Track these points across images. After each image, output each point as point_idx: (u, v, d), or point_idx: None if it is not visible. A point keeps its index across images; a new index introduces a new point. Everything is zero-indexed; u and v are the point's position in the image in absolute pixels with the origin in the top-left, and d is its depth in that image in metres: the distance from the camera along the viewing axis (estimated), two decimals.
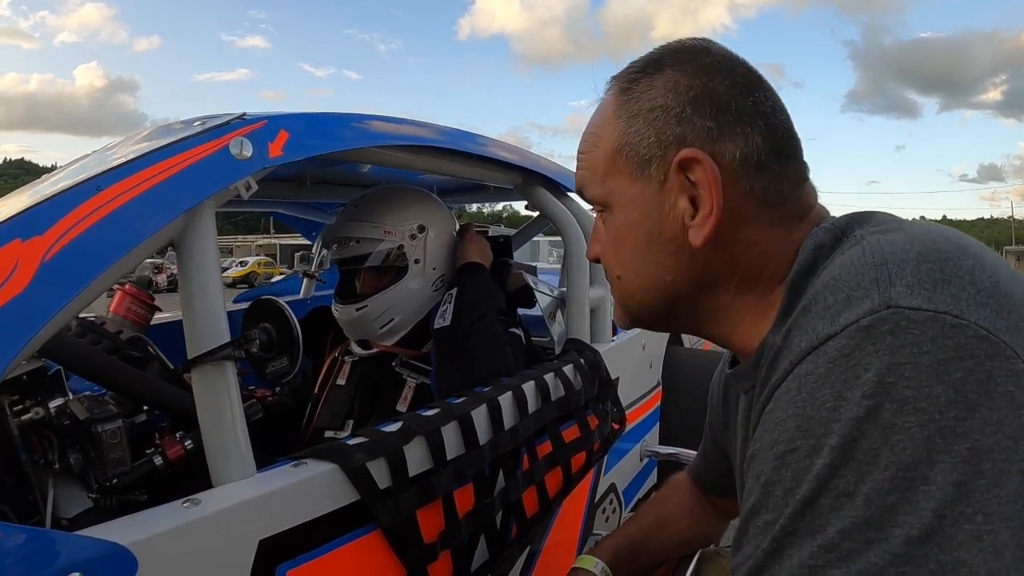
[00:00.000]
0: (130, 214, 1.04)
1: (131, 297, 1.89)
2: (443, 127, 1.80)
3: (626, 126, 0.84)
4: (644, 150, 0.82)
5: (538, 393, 1.74)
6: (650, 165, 0.82)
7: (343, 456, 1.18)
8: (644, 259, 0.86)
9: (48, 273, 0.94)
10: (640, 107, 0.83)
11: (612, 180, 0.86)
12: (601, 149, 0.87)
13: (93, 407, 1.26)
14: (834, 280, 0.68)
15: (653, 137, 0.82)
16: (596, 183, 0.88)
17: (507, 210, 64.45)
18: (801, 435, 0.62)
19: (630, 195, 0.85)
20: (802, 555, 0.59)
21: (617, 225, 0.87)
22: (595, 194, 0.89)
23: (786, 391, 0.66)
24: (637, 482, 2.73)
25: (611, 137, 0.86)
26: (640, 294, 0.88)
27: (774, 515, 0.63)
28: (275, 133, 1.24)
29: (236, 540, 1.02)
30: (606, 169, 0.86)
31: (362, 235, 1.95)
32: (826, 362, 0.62)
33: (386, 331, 1.97)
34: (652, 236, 0.84)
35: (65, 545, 0.87)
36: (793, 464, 0.62)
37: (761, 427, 0.69)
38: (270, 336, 1.28)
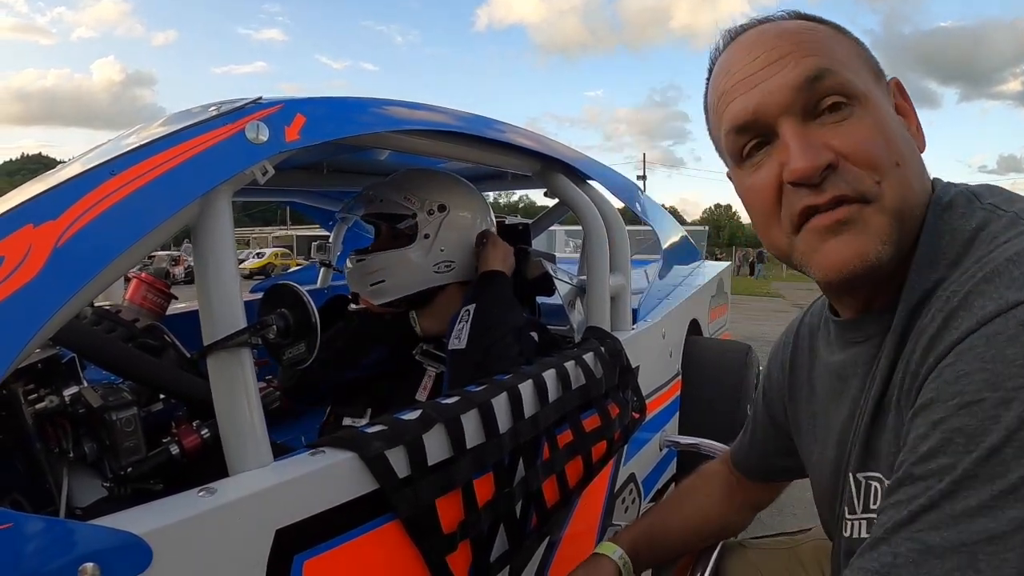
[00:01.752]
0: (145, 199, 1.02)
1: (147, 285, 1.88)
2: (461, 112, 1.78)
3: (855, 43, 0.89)
4: (876, 65, 0.89)
5: (559, 381, 1.72)
6: (882, 77, 0.88)
7: (362, 444, 1.16)
8: (912, 153, 0.85)
9: (61, 259, 0.93)
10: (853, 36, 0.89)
11: (863, 77, 0.84)
12: (844, 47, 0.86)
13: (107, 395, 1.25)
14: (1018, 255, 0.71)
15: (875, 60, 0.89)
16: (848, 71, 0.83)
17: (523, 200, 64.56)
18: (989, 388, 0.65)
19: (881, 97, 0.85)
20: (981, 496, 0.63)
21: (878, 118, 0.82)
22: (849, 79, 0.82)
23: (971, 347, 0.68)
24: (656, 472, 2.72)
25: (851, 46, 0.88)
26: (918, 184, 0.84)
27: (953, 460, 0.65)
28: (292, 117, 1.22)
29: (252, 530, 1.01)
30: (856, 65, 0.85)
31: (386, 196, 2.00)
32: (1016, 324, 0.66)
33: (374, 290, 2.01)
34: (906, 136, 0.86)
35: (79, 535, 0.85)
36: (979, 414, 0.65)
37: (939, 379, 0.71)
38: (287, 322, 1.26)
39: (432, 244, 1.99)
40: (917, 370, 0.77)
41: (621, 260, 2.29)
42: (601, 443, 1.85)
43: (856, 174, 0.80)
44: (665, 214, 3.86)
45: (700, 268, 4.26)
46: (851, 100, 0.81)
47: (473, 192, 2.16)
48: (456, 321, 1.85)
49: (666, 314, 2.81)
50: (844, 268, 0.82)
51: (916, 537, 0.66)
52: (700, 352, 3.21)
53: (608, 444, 1.88)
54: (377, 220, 2.11)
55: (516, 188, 3.04)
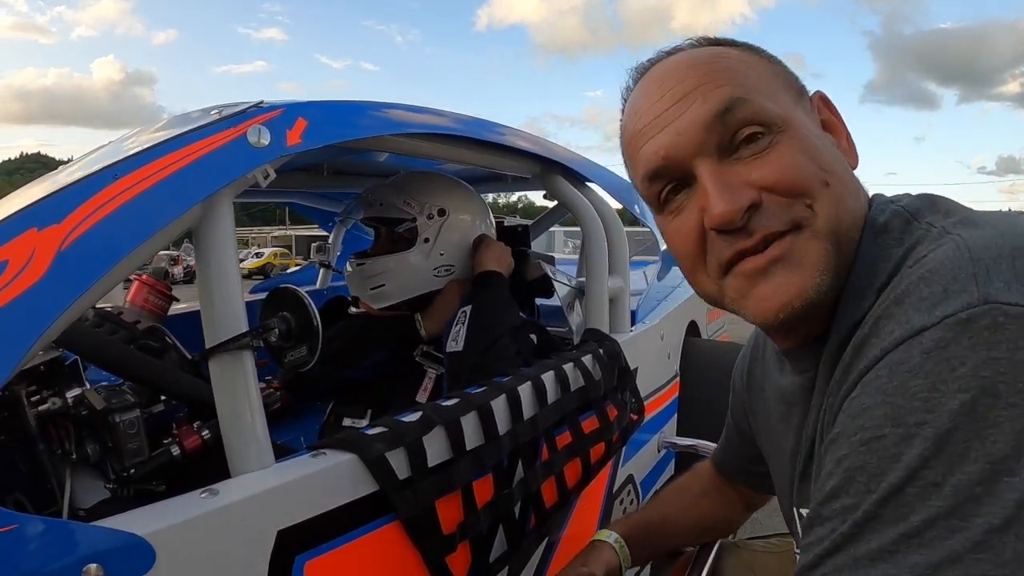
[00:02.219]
0: (147, 202, 1.03)
1: (148, 287, 1.89)
2: (461, 115, 1.79)
3: (770, 62, 0.86)
4: (796, 82, 0.86)
5: (557, 383, 1.73)
6: (804, 95, 0.86)
7: (362, 446, 1.17)
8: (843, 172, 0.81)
9: (65, 262, 0.94)
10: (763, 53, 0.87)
11: (784, 102, 0.81)
12: (758, 71, 0.83)
13: (110, 397, 1.26)
14: (930, 273, 0.67)
15: (795, 76, 0.86)
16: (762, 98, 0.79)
17: (523, 200, 64.53)
18: (890, 423, 0.62)
19: (802, 117, 0.82)
20: (882, 540, 0.60)
21: (801, 141, 0.78)
22: (764, 107, 0.78)
23: (875, 378, 0.66)
24: (655, 474, 2.72)
25: (762, 65, 0.85)
26: (852, 202, 0.80)
27: (855, 500, 0.63)
28: (293, 121, 1.23)
29: (254, 531, 1.01)
30: (772, 89, 0.82)
31: (386, 200, 2.02)
32: (920, 353, 0.62)
33: (374, 294, 2.03)
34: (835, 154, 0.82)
35: (82, 536, 0.86)
36: (879, 451, 0.62)
37: (845, 413, 0.69)
38: (289, 325, 1.28)
39: (432, 248, 2.00)
40: (833, 403, 0.76)
41: (619, 262, 2.29)
42: (599, 444, 1.85)
43: (783, 204, 0.77)
44: None
45: None
46: (769, 128, 0.78)
47: (472, 195, 2.18)
48: (453, 323, 1.87)
49: (664, 316, 2.82)
50: (782, 311, 0.78)
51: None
52: (698, 354, 3.21)
53: (606, 445, 1.89)
54: (377, 224, 2.12)
55: (515, 190, 3.06)
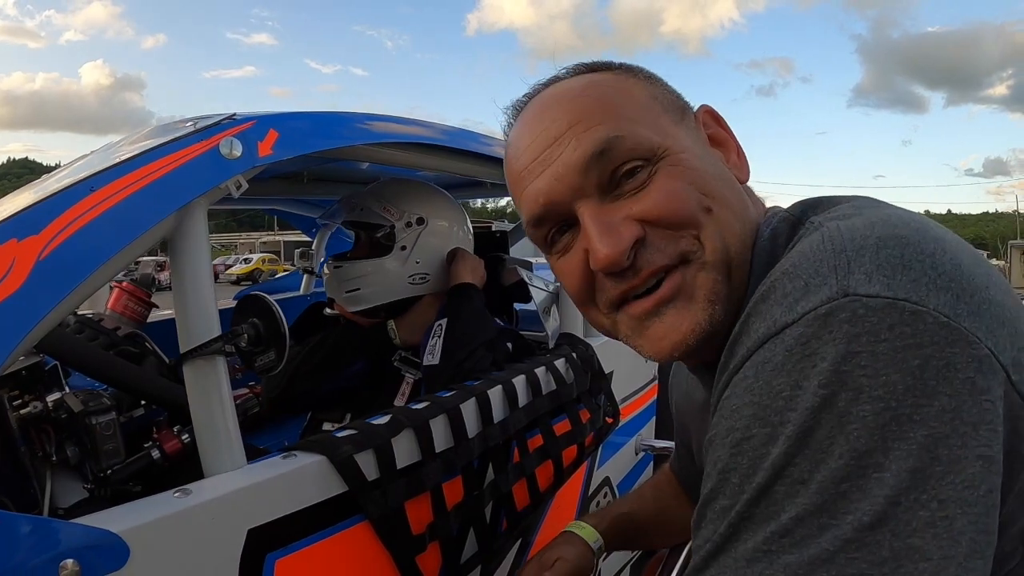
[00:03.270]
0: (122, 213, 1.07)
1: (128, 294, 1.92)
2: (436, 124, 1.82)
3: (647, 84, 0.85)
4: (677, 100, 0.86)
5: (528, 387, 1.76)
6: (687, 112, 0.86)
7: (331, 448, 1.21)
8: (729, 193, 0.80)
9: (43, 271, 0.97)
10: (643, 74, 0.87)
11: (663, 126, 0.80)
12: (630, 99, 0.82)
13: (88, 400, 1.29)
14: (793, 267, 0.66)
15: (676, 94, 0.86)
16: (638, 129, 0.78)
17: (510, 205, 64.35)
18: (758, 423, 0.62)
19: (684, 140, 0.81)
20: (756, 540, 0.60)
21: (682, 168, 0.78)
22: (642, 138, 0.78)
23: (743, 378, 0.65)
24: (632, 476, 2.75)
25: (643, 91, 0.84)
26: (739, 225, 0.79)
27: (730, 501, 0.63)
28: (264, 132, 1.27)
29: (225, 529, 1.05)
30: (649, 115, 0.81)
31: (365, 205, 2.04)
32: (783, 350, 0.61)
33: (349, 297, 2.05)
34: (720, 173, 0.82)
35: (60, 532, 0.89)
36: (749, 452, 0.62)
37: (718, 414, 0.68)
38: (258, 330, 1.31)
39: (408, 256, 2.03)
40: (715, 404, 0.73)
41: None
42: (572, 447, 1.88)
43: (668, 237, 0.77)
44: None
45: None
46: (648, 159, 0.78)
47: (451, 203, 2.21)
48: (429, 336, 1.90)
49: None
50: (676, 349, 0.79)
51: None
52: None
53: (579, 448, 1.91)
54: (356, 228, 2.15)
55: (495, 196, 3.07)
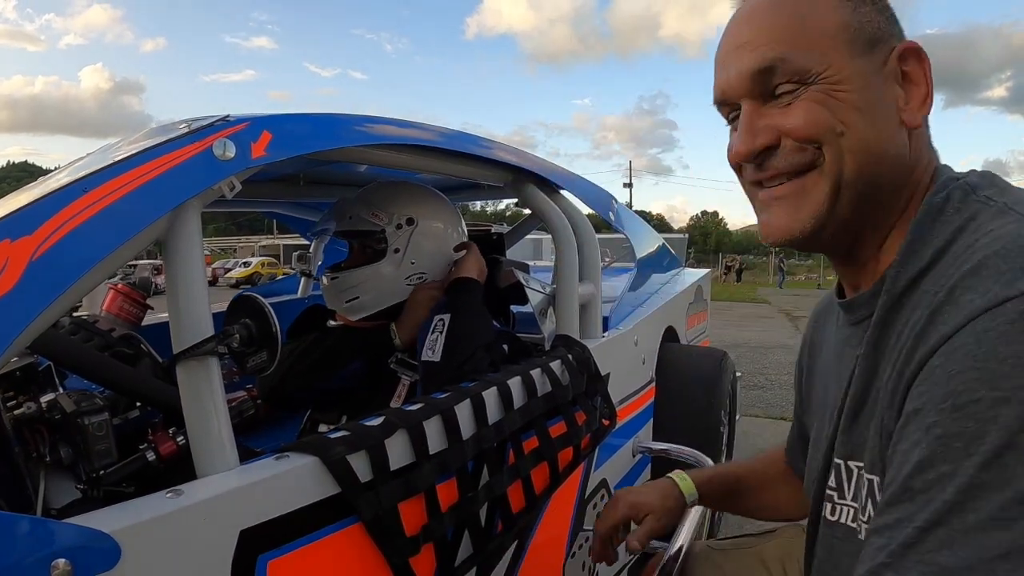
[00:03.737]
0: (115, 214, 1.07)
1: (123, 296, 1.92)
2: (432, 126, 1.82)
3: (854, 6, 0.90)
4: (872, 30, 0.89)
5: (524, 388, 1.77)
6: (876, 45, 0.89)
7: (323, 449, 1.21)
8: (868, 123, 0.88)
9: (36, 271, 0.97)
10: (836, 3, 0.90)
11: (832, 53, 0.88)
12: (819, 24, 0.89)
13: (81, 401, 1.30)
14: (1004, 250, 0.71)
15: (882, 23, 0.90)
16: (803, 55, 0.88)
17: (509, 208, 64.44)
18: (984, 386, 0.64)
19: (852, 69, 0.87)
20: (990, 507, 0.61)
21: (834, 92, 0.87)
22: (801, 65, 0.88)
23: (960, 345, 0.68)
24: (629, 478, 2.75)
25: (833, 14, 0.89)
26: (861, 153, 0.87)
27: (952, 467, 0.64)
28: (258, 134, 1.27)
29: (217, 530, 1.05)
30: (826, 42, 0.88)
31: (354, 213, 2.05)
32: (1005, 322, 0.65)
33: (350, 307, 2.07)
34: (876, 107, 0.88)
35: (52, 532, 0.89)
36: (976, 415, 0.64)
37: (927, 383, 0.71)
38: (250, 331, 1.31)
39: (403, 258, 2.04)
40: (903, 368, 0.77)
41: (591, 269, 2.33)
42: (567, 449, 1.88)
43: (796, 149, 0.89)
44: (641, 223, 3.90)
45: (678, 276, 4.30)
46: (803, 81, 0.88)
47: (442, 202, 2.21)
48: (429, 330, 1.89)
49: (638, 322, 2.85)
50: (771, 238, 0.95)
51: (927, 559, 0.64)
52: (675, 359, 3.24)
53: (575, 450, 1.92)
54: (348, 237, 2.15)
55: (490, 198, 3.09)
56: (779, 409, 6.65)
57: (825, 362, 1.13)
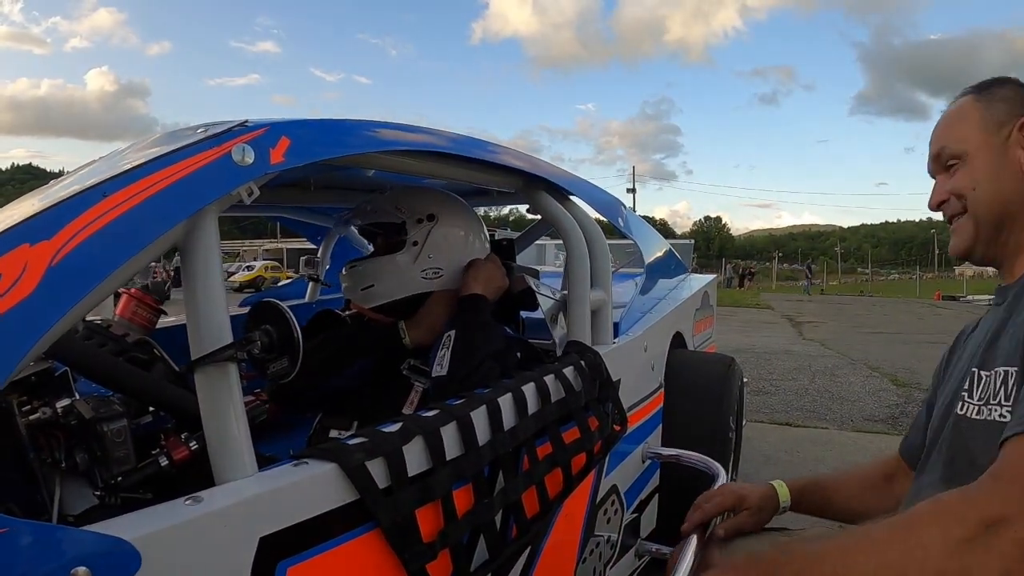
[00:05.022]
0: (134, 219, 1.07)
1: (137, 300, 1.91)
2: (444, 132, 1.83)
3: (986, 106, 1.33)
4: (999, 118, 1.31)
5: (538, 394, 1.76)
6: (1002, 128, 1.30)
7: (342, 455, 1.20)
8: (994, 178, 1.29)
9: (55, 276, 0.97)
10: (995, 97, 1.33)
11: (972, 139, 1.32)
12: (965, 124, 1.34)
13: (99, 407, 1.29)
14: None
15: (1006, 110, 1.31)
16: (957, 144, 1.34)
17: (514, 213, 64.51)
18: None
19: (987, 145, 1.31)
20: None
21: (974, 163, 1.31)
22: (954, 151, 1.34)
23: None
24: (639, 484, 2.74)
25: (974, 115, 1.33)
26: (988, 201, 1.29)
27: None
28: (276, 139, 1.27)
29: (237, 537, 1.04)
30: (968, 134, 1.33)
31: (378, 206, 2.12)
32: None
33: (364, 294, 2.11)
34: (1001, 167, 1.29)
35: (71, 540, 0.89)
36: None
37: None
38: (271, 338, 1.31)
39: (420, 251, 2.07)
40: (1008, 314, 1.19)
41: (602, 275, 2.32)
42: (580, 455, 1.88)
43: (956, 200, 1.35)
44: (649, 228, 3.90)
45: (685, 281, 4.29)
46: (959, 159, 1.34)
47: (464, 207, 2.23)
48: (439, 347, 1.91)
49: (648, 328, 2.85)
50: (954, 253, 1.39)
51: None
52: (683, 364, 3.23)
53: (588, 456, 1.91)
54: (370, 228, 2.21)
55: (501, 204, 3.09)
56: (783, 415, 6.63)
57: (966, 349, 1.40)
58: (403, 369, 2.05)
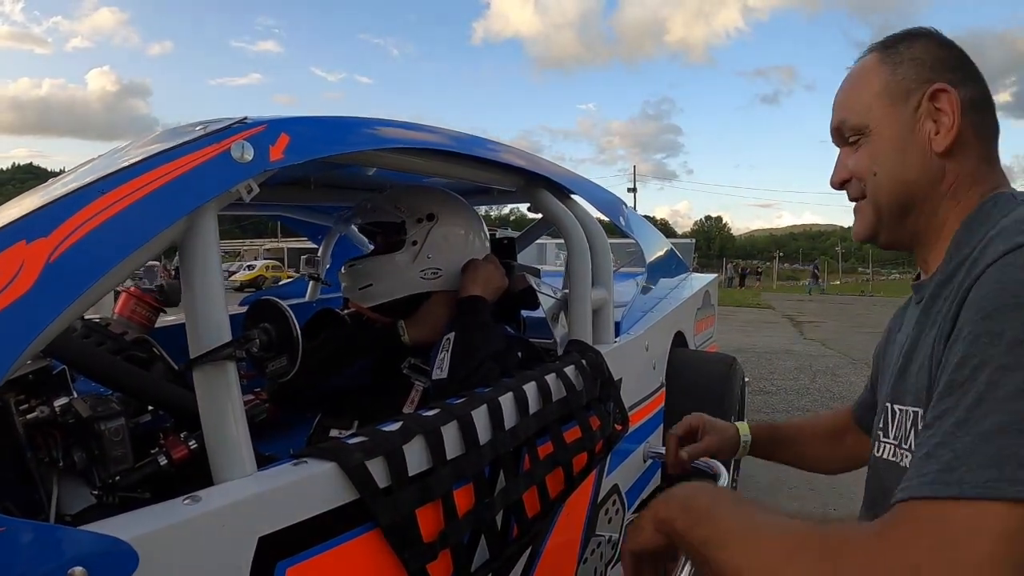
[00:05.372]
0: (133, 217, 1.06)
1: (136, 299, 1.91)
2: (445, 130, 1.82)
3: (891, 69, 1.15)
4: (905, 85, 1.13)
5: (539, 394, 1.76)
6: (908, 96, 1.12)
7: (342, 455, 1.19)
8: (898, 159, 1.13)
9: (52, 274, 0.96)
10: (902, 58, 1.14)
11: (875, 110, 1.15)
12: (867, 91, 1.17)
13: (96, 406, 1.28)
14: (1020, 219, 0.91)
15: (913, 75, 1.13)
16: (858, 116, 1.17)
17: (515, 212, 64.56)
18: (1006, 297, 0.79)
19: (890, 118, 1.13)
20: (1016, 381, 0.74)
21: (876, 140, 1.15)
22: (855, 124, 1.17)
23: (987, 276, 0.84)
24: (640, 483, 2.74)
25: (876, 80, 1.16)
26: (890, 185, 1.14)
27: (984, 358, 0.78)
28: (276, 137, 1.26)
29: (235, 537, 1.04)
30: (870, 103, 1.16)
31: (378, 205, 2.11)
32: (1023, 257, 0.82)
33: (363, 293, 2.10)
34: (906, 145, 1.12)
35: (69, 540, 0.88)
36: (999, 319, 0.78)
37: (966, 307, 0.86)
38: (270, 336, 1.30)
39: (420, 250, 2.06)
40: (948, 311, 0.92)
41: (603, 274, 2.32)
42: (582, 454, 1.87)
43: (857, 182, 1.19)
44: (650, 227, 3.90)
45: (687, 281, 4.29)
46: (862, 133, 1.17)
47: (464, 206, 2.22)
48: (439, 350, 1.90)
49: (649, 327, 2.84)
50: (854, 237, 1.27)
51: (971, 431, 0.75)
52: (684, 364, 3.23)
53: (589, 455, 1.91)
54: (370, 227, 2.21)
55: (502, 203, 3.08)
56: (785, 415, 6.63)
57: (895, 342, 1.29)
58: (403, 368, 2.04)
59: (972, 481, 0.72)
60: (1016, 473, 0.70)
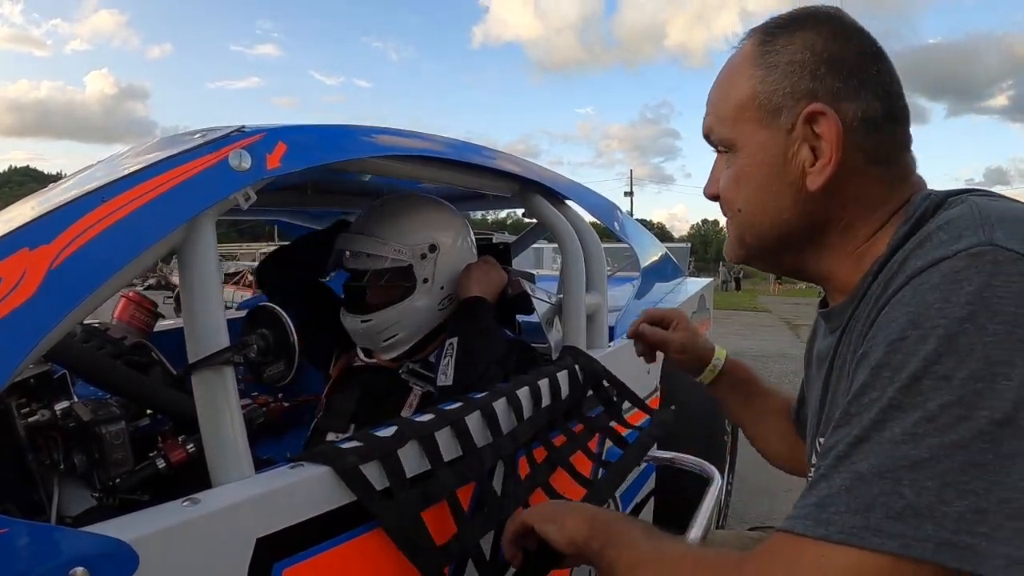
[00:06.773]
0: (133, 224, 1.08)
1: (135, 304, 1.93)
2: (440, 137, 1.84)
3: (763, 75, 0.97)
4: (777, 99, 0.95)
5: (532, 398, 1.76)
6: (780, 114, 0.95)
7: (335, 459, 1.20)
8: (765, 197, 0.99)
9: (54, 280, 0.98)
10: (779, 59, 0.96)
11: (742, 124, 0.99)
12: (734, 96, 1.00)
13: (97, 410, 1.30)
14: (947, 223, 0.81)
15: (788, 88, 0.94)
16: (725, 127, 1.01)
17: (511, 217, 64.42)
18: (912, 327, 0.74)
19: (758, 139, 0.97)
20: (904, 424, 0.70)
21: (742, 165, 1.00)
22: (722, 136, 1.02)
23: (901, 297, 0.78)
24: (635, 487, 2.74)
25: (746, 85, 0.98)
26: (757, 228, 1.01)
27: (880, 392, 0.74)
28: (273, 145, 1.28)
29: (233, 538, 1.05)
30: (737, 115, 0.99)
31: (372, 251, 1.99)
32: (939, 276, 0.75)
33: (389, 345, 2.04)
34: (774, 178, 0.97)
35: (69, 541, 0.90)
36: (902, 350, 0.73)
37: (876, 328, 0.80)
38: (267, 342, 1.32)
39: (432, 285, 2.04)
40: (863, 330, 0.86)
41: (597, 279, 2.34)
42: (582, 456, 1.88)
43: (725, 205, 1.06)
44: (645, 232, 3.91)
45: (682, 285, 4.30)
46: (729, 149, 1.02)
47: (447, 212, 2.20)
48: (442, 354, 1.90)
49: None
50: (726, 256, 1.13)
51: (849, 468, 0.73)
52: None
53: (589, 456, 1.91)
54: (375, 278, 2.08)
55: (496, 208, 3.09)
56: None
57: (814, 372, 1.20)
58: (401, 372, 2.04)
59: (839, 524, 0.72)
60: (882, 523, 0.69)
